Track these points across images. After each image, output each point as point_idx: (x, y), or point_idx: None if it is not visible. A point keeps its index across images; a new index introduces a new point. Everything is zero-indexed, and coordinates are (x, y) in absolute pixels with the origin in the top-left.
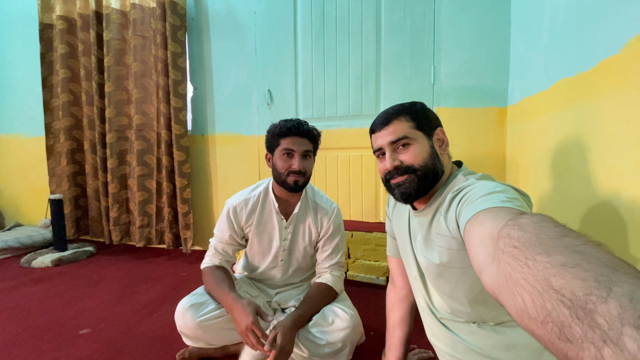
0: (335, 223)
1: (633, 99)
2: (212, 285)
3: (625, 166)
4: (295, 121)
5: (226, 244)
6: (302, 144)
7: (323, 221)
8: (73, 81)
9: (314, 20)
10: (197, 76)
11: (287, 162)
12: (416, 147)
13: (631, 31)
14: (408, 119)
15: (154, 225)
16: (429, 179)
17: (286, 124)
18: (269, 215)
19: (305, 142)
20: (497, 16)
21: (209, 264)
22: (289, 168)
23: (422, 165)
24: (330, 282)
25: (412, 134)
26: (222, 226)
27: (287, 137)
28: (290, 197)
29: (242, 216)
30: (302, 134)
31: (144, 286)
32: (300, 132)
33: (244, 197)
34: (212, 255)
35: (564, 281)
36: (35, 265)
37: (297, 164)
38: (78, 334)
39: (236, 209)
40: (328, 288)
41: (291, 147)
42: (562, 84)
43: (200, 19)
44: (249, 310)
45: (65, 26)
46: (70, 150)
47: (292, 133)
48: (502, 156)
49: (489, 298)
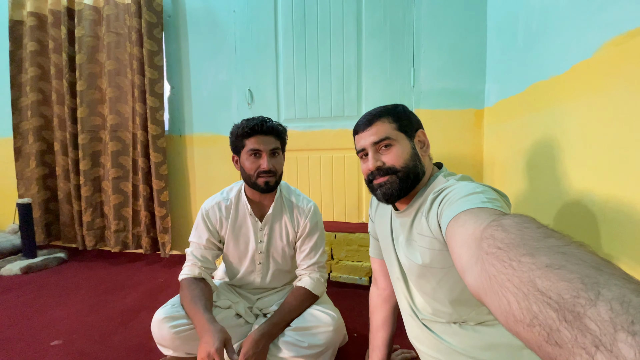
0: (313, 221)
1: (605, 102)
2: (187, 303)
3: (598, 166)
4: (258, 119)
5: (205, 248)
6: (268, 142)
7: (299, 220)
8: (43, 79)
9: (294, 20)
10: (174, 75)
11: (255, 163)
12: (398, 149)
13: (604, 36)
14: (390, 121)
15: (130, 230)
16: (410, 180)
17: (249, 123)
18: (243, 218)
19: (271, 139)
20: (474, 20)
21: (188, 274)
22: (257, 169)
23: (403, 167)
24: (309, 285)
25: (394, 135)
26: (199, 230)
27: (252, 137)
28: (263, 198)
29: (216, 220)
30: (267, 132)
31: (119, 293)
32: (265, 130)
33: (216, 201)
34: (191, 264)
35: (549, 283)
36: (3, 273)
37: (266, 164)
38: (49, 346)
39: (209, 212)
40: (306, 292)
41: (257, 146)
42: (536, 87)
43: (178, 17)
44: (217, 337)
45: (36, 23)
46: (39, 152)
47: (256, 132)
48: (479, 157)
49: (470, 298)
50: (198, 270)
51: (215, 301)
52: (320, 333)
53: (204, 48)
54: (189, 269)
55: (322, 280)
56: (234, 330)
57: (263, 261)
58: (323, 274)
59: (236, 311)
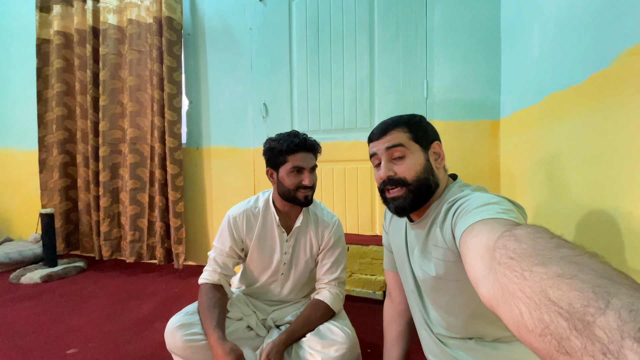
0: (336, 235)
1: (624, 112)
2: (203, 311)
3: (619, 178)
4: (301, 137)
5: (227, 256)
6: (309, 159)
7: (324, 234)
8: (68, 95)
9: (308, 36)
10: (192, 90)
11: (297, 178)
12: (411, 160)
13: (621, 45)
14: (405, 130)
15: (145, 240)
16: (422, 193)
17: (293, 141)
18: (270, 228)
19: (312, 156)
20: (487, 31)
21: (208, 280)
22: (298, 184)
23: (414, 179)
24: (328, 300)
25: (408, 145)
26: (223, 237)
27: (296, 154)
28: (292, 210)
29: (243, 228)
30: (308, 149)
31: (134, 303)
32: (308, 147)
33: (244, 208)
34: (212, 270)
35: (561, 292)
36: (24, 281)
37: (308, 180)
38: (65, 354)
39: (237, 219)
40: (325, 307)
41: (301, 164)
42: (553, 97)
43: (197, 34)
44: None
45: (62, 41)
46: (62, 164)
47: (300, 149)
48: (496, 168)
49: (485, 313)
50: (218, 276)
51: (228, 311)
52: (334, 349)
53: (221, 64)
54: (209, 274)
55: (340, 297)
56: (244, 342)
57: (285, 272)
58: (342, 290)
59: (247, 323)
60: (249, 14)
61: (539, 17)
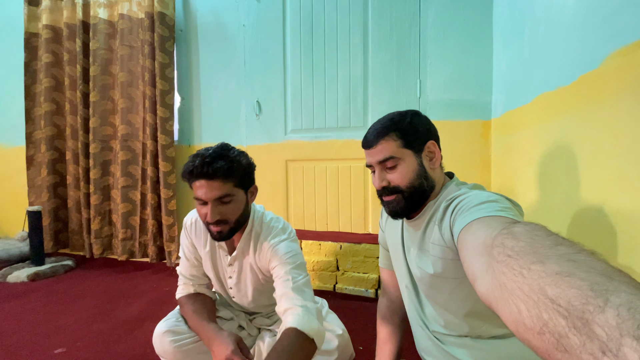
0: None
1: (613, 112)
2: (189, 318)
3: (609, 177)
4: (199, 160)
5: (192, 266)
6: (212, 188)
7: (266, 256)
8: (57, 90)
9: (302, 33)
10: (184, 86)
11: (202, 210)
12: (403, 168)
13: (610, 46)
14: (395, 137)
15: (137, 238)
16: (416, 199)
17: (191, 164)
18: (215, 246)
19: (217, 184)
20: (479, 32)
21: (184, 293)
22: (204, 218)
23: (408, 186)
24: (297, 323)
25: (399, 154)
26: (182, 244)
27: (195, 181)
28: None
29: (193, 234)
30: (211, 176)
31: (124, 302)
32: (207, 174)
33: (196, 215)
34: (183, 284)
35: (559, 290)
36: (10, 280)
37: (210, 216)
38: (53, 354)
39: (187, 225)
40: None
41: (200, 195)
42: (543, 97)
43: (189, 31)
44: (230, 340)
45: (51, 35)
46: (51, 161)
47: (197, 176)
48: (487, 168)
49: (483, 310)
50: (193, 288)
51: (217, 311)
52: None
53: (214, 61)
54: (182, 288)
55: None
56: None
57: (235, 294)
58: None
59: (238, 323)
60: (242, 10)
61: (530, 18)
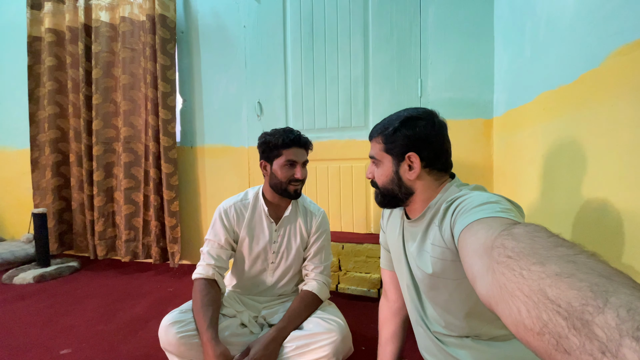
0: (323, 226)
1: (613, 111)
2: (197, 309)
3: (611, 175)
4: (296, 133)
5: (221, 248)
6: (302, 154)
7: (312, 222)
8: (60, 93)
9: (303, 34)
10: (186, 88)
11: (289, 172)
12: (380, 170)
13: (611, 45)
14: (379, 141)
15: (141, 239)
16: (389, 199)
17: (288, 136)
18: (259, 219)
19: (304, 152)
20: (480, 31)
21: (202, 275)
22: (290, 177)
23: (382, 187)
24: (316, 289)
25: (379, 156)
26: (216, 229)
27: (290, 148)
28: (281, 201)
29: (233, 219)
30: (301, 145)
31: (129, 303)
32: (301, 143)
33: (233, 202)
34: (205, 264)
35: (559, 291)
36: (16, 281)
37: (299, 173)
38: (59, 354)
39: (227, 211)
40: (313, 296)
41: (294, 158)
42: (545, 96)
43: (190, 32)
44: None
45: (54, 39)
46: (55, 163)
47: (294, 144)
48: (489, 167)
49: (484, 311)
50: (212, 270)
51: (223, 307)
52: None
53: (215, 62)
54: (203, 268)
55: (326, 285)
56: (238, 339)
57: (275, 261)
58: (327, 278)
59: (241, 320)
60: (243, 11)
61: (531, 17)
